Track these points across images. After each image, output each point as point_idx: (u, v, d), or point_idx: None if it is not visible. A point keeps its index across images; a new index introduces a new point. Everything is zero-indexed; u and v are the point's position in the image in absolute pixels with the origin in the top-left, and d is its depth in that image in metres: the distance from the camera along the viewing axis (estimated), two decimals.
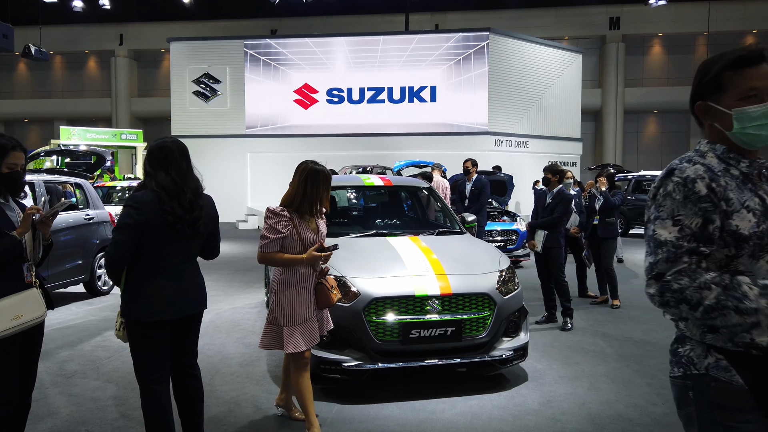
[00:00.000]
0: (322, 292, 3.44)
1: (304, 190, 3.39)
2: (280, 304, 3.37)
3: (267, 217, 3.37)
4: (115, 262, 2.86)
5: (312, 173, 3.40)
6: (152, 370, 2.91)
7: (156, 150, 2.97)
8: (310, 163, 3.46)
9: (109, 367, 4.85)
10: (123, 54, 31.45)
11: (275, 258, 3.35)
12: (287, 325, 3.35)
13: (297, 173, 3.45)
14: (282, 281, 3.39)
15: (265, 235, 3.34)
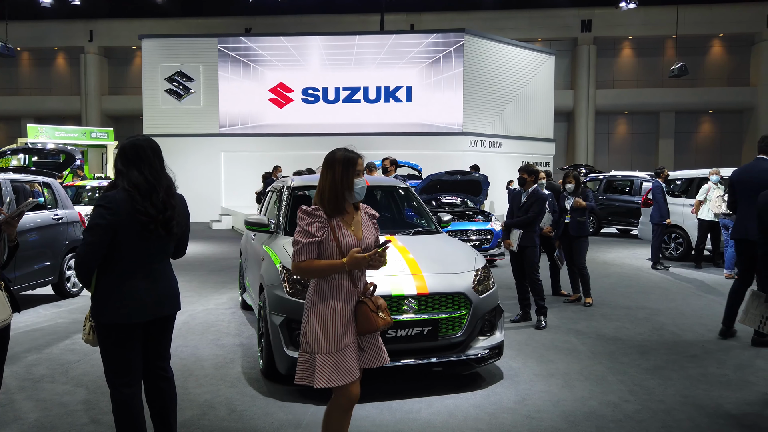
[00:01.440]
0: (362, 313, 2.77)
1: (333, 183, 2.80)
2: (312, 326, 2.75)
3: (299, 218, 2.82)
4: (85, 264, 2.79)
5: (345, 162, 2.82)
6: (123, 374, 2.85)
7: (128, 148, 2.91)
8: (343, 150, 2.88)
9: (78, 370, 4.74)
10: (93, 51, 30.83)
11: (311, 267, 2.74)
12: (319, 353, 2.72)
13: (326, 164, 2.87)
14: (315, 297, 2.78)
15: (297, 240, 2.78)
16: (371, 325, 2.77)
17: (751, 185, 5.50)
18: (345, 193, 2.79)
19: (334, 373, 2.70)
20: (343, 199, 2.80)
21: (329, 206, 2.79)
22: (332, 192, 2.79)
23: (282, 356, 4.13)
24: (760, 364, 4.95)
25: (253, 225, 5.28)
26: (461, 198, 11.63)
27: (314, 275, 2.77)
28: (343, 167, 2.81)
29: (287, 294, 4.20)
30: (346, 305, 2.76)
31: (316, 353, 2.72)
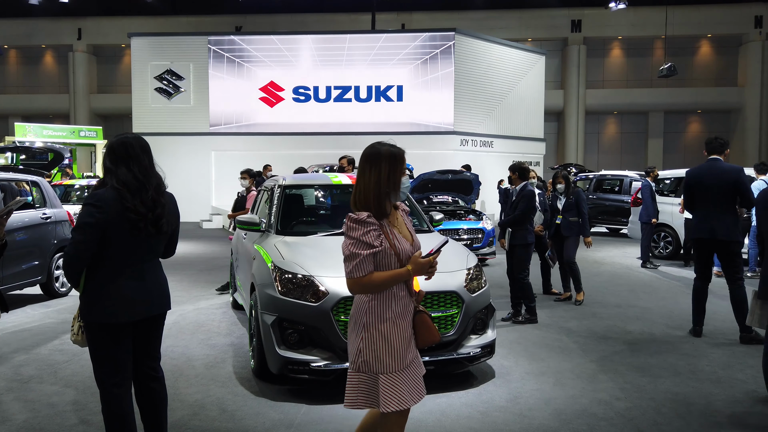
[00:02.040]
0: (423, 323, 2.56)
1: (378, 183, 2.48)
2: (372, 344, 2.44)
3: (349, 228, 2.44)
4: (74, 263, 2.76)
5: (392, 158, 2.51)
6: (113, 374, 2.82)
7: (117, 146, 2.88)
8: (387, 145, 2.56)
9: (67, 371, 4.69)
10: (81, 49, 30.56)
11: (374, 281, 2.42)
12: (385, 373, 2.44)
13: (368, 161, 2.52)
14: (372, 312, 2.47)
15: (354, 253, 2.40)
16: (433, 337, 2.57)
17: (712, 185, 5.59)
18: (391, 193, 2.51)
19: (404, 394, 2.45)
20: (387, 199, 2.51)
21: (376, 209, 2.47)
22: (376, 192, 2.47)
23: (274, 356, 4.11)
24: (748, 362, 4.99)
25: (244, 224, 5.25)
26: (452, 197, 11.64)
27: (376, 290, 2.45)
28: (390, 165, 2.50)
29: (279, 293, 4.19)
30: (407, 317, 2.52)
31: (380, 373, 2.43)
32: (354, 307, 2.55)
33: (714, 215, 5.54)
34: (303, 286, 4.15)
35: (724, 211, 5.55)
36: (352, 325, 2.53)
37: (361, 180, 2.52)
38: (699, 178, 5.73)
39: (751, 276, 9.11)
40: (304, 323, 4.08)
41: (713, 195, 5.56)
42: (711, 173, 5.66)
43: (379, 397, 2.42)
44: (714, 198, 5.56)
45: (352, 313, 2.54)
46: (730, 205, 5.57)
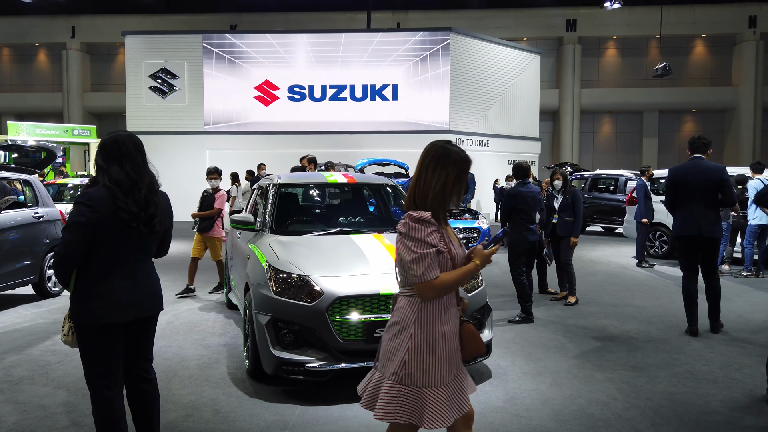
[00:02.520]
0: (470, 334, 2.40)
1: (444, 186, 2.33)
2: (419, 355, 2.27)
3: (411, 228, 2.26)
4: (65, 263, 2.71)
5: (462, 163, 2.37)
6: (104, 376, 2.77)
7: (109, 143, 2.83)
8: (456, 147, 2.39)
9: (59, 372, 4.63)
10: (75, 47, 30.41)
11: (446, 282, 2.26)
12: (429, 386, 2.28)
13: (435, 161, 2.35)
14: (420, 320, 2.29)
15: (422, 254, 2.23)
16: (480, 348, 2.42)
17: (696, 183, 5.68)
18: (454, 198, 2.37)
19: (448, 410, 2.28)
20: (449, 203, 2.37)
21: (436, 212, 2.33)
22: (441, 194, 2.32)
23: (268, 356, 4.06)
24: (745, 362, 4.97)
25: (238, 223, 5.20)
26: None
27: (448, 291, 2.30)
28: (459, 169, 2.35)
29: (274, 293, 4.14)
30: (453, 327, 2.36)
31: (425, 387, 2.26)
32: (398, 314, 2.35)
33: (699, 213, 5.64)
34: (298, 286, 4.11)
35: (708, 208, 5.66)
36: (393, 332, 2.34)
37: (422, 178, 2.35)
38: (683, 177, 5.80)
39: (746, 275, 9.12)
40: (299, 323, 4.04)
41: (697, 193, 5.66)
42: (695, 171, 5.73)
43: (423, 413, 2.25)
44: (698, 196, 5.66)
45: (395, 321, 2.35)
46: (713, 203, 5.68)
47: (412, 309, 2.31)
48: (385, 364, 2.34)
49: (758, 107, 29.43)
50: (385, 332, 2.41)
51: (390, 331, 2.37)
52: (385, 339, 2.38)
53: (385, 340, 2.38)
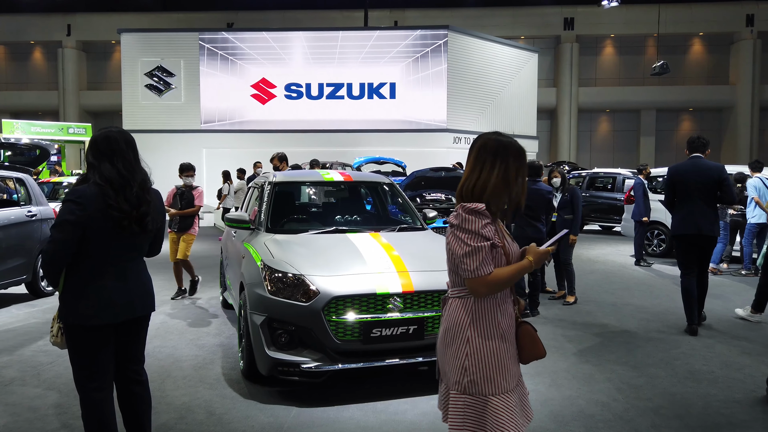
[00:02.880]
0: (529, 336, 2.24)
1: (505, 178, 2.17)
2: (481, 360, 2.12)
3: (465, 220, 2.11)
4: (53, 263, 2.64)
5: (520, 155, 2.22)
6: (93, 378, 2.71)
7: (100, 140, 2.77)
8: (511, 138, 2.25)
9: (50, 373, 4.56)
10: (71, 45, 30.24)
11: (500, 277, 2.11)
12: (497, 394, 2.12)
13: (492, 152, 2.19)
14: (476, 322, 2.15)
15: (476, 247, 2.08)
16: (539, 351, 2.24)
17: (696, 182, 5.72)
18: (520, 192, 2.21)
19: (518, 417, 2.14)
20: (509, 200, 2.21)
21: (494, 205, 2.18)
22: (500, 189, 2.17)
23: (263, 357, 4.00)
24: (745, 361, 4.93)
25: (233, 222, 5.13)
26: (446, 195, 11.55)
27: (502, 288, 2.14)
28: (519, 162, 2.20)
29: (268, 293, 4.07)
30: (511, 328, 2.21)
31: (491, 395, 2.11)
32: (450, 318, 2.19)
33: (698, 211, 5.69)
34: (293, 286, 4.04)
35: (708, 207, 5.71)
36: (448, 338, 2.18)
37: (477, 171, 2.19)
38: (682, 175, 5.84)
39: (745, 274, 9.09)
40: (295, 323, 3.97)
41: (697, 192, 5.71)
42: (694, 170, 5.78)
43: (492, 422, 2.10)
44: (697, 195, 5.70)
45: (448, 326, 2.19)
46: (712, 202, 5.74)
47: (465, 310, 2.15)
48: (446, 374, 2.19)
49: (755, 106, 29.43)
50: (438, 341, 2.25)
51: (444, 338, 2.20)
52: (439, 348, 2.24)
53: (439, 349, 2.23)
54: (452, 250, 2.14)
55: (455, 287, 2.21)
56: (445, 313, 2.24)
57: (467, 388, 2.12)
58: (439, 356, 2.24)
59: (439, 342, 2.24)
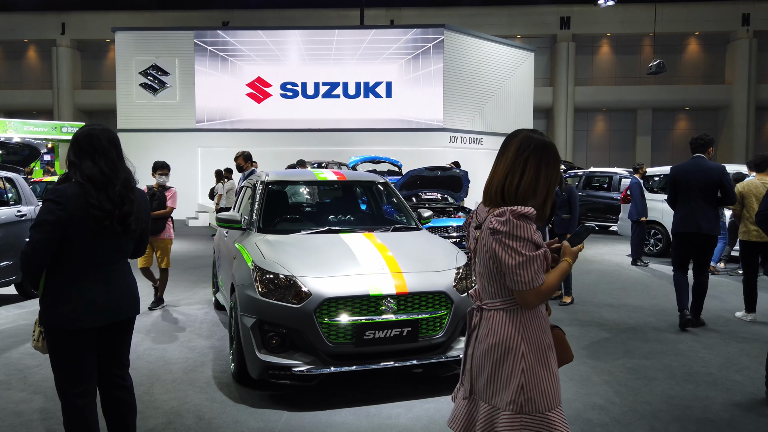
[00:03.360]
0: (561, 341, 2.16)
1: (548, 180, 2.04)
2: (536, 376, 1.99)
3: (516, 226, 1.93)
4: (32, 264, 2.56)
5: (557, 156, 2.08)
6: (76, 383, 2.62)
7: (82, 138, 2.68)
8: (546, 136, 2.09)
9: (37, 376, 4.47)
10: (65, 44, 30.06)
11: (550, 287, 1.99)
12: (553, 408, 1.99)
13: (535, 151, 2.02)
14: (530, 335, 2.01)
15: (531, 257, 1.93)
16: (569, 356, 2.17)
17: (696, 182, 5.81)
18: (552, 195, 2.08)
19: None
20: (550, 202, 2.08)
21: (540, 211, 2.04)
22: (545, 191, 2.04)
23: (253, 360, 3.91)
24: (744, 362, 4.86)
25: (224, 222, 5.04)
26: (442, 194, 11.48)
27: (550, 296, 2.01)
28: (557, 162, 2.07)
29: (259, 294, 3.99)
30: (550, 336, 2.09)
31: (549, 410, 1.97)
32: (497, 333, 2.01)
33: (698, 210, 5.78)
34: (285, 287, 3.96)
35: (708, 206, 5.80)
36: (496, 355, 2.00)
37: (519, 170, 2.01)
38: (684, 175, 5.93)
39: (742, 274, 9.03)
40: (286, 326, 3.89)
41: (697, 191, 5.79)
42: (695, 170, 5.87)
43: None
44: (698, 194, 5.79)
45: (495, 342, 2.00)
46: (712, 201, 5.82)
47: (513, 324, 2.00)
48: (495, 393, 2.00)
49: (751, 105, 29.44)
50: (477, 359, 2.05)
51: (490, 355, 2.01)
52: (481, 366, 2.04)
53: (480, 367, 2.04)
54: (500, 260, 1.95)
55: (496, 298, 2.03)
56: (484, 327, 2.05)
57: (524, 407, 1.96)
58: (479, 375, 2.05)
59: (480, 360, 2.04)
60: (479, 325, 2.08)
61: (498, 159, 2.09)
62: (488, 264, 2.01)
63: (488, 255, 2.00)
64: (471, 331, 2.12)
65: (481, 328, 2.07)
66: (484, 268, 2.04)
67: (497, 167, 2.07)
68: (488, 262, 2.01)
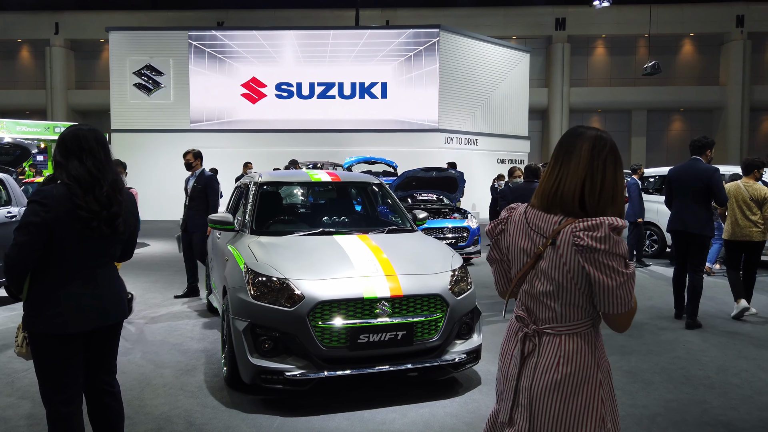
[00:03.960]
0: None
1: (623, 184, 1.85)
2: (614, 403, 1.85)
3: (616, 243, 1.70)
4: (16, 267, 2.48)
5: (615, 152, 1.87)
6: (61, 390, 2.54)
7: (68, 138, 2.61)
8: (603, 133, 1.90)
9: (25, 381, 4.38)
10: (59, 43, 29.87)
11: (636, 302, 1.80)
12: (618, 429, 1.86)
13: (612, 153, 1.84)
14: (602, 359, 1.84)
15: (629, 275, 1.72)
16: None
17: (688, 183, 6.05)
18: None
19: None
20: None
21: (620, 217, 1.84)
22: (622, 197, 1.83)
23: (246, 364, 3.84)
24: (741, 365, 4.82)
25: (216, 223, 4.97)
26: (437, 195, 11.43)
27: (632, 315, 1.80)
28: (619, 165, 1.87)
29: (252, 297, 3.92)
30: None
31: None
32: (573, 360, 1.78)
33: (688, 210, 6.04)
34: (277, 290, 3.89)
35: (698, 206, 6.01)
36: (572, 386, 1.77)
37: (598, 174, 1.79)
38: (678, 176, 6.21)
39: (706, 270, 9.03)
40: (279, 329, 3.82)
41: (688, 192, 6.05)
42: (689, 172, 6.13)
43: None
44: (689, 195, 6.04)
45: (572, 371, 1.77)
46: (703, 202, 6.02)
47: (590, 349, 1.79)
48: (570, 427, 1.77)
49: (745, 106, 29.52)
50: (544, 390, 1.79)
51: (566, 386, 1.77)
52: (554, 399, 1.78)
53: (554, 399, 1.78)
54: (595, 281, 1.72)
55: (568, 321, 1.80)
56: (551, 355, 1.80)
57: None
58: (544, 410, 1.79)
59: (547, 393, 1.79)
60: (538, 352, 1.82)
61: (562, 160, 1.84)
62: (567, 284, 1.77)
63: (571, 275, 1.76)
64: (523, 359, 1.85)
65: (545, 356, 1.81)
66: (557, 288, 1.79)
67: (565, 170, 1.81)
68: (568, 283, 1.77)
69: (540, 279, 1.83)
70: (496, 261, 2.01)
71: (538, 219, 1.85)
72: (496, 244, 2.00)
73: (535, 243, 1.85)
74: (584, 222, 1.74)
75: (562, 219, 1.80)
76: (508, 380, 1.90)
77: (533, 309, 1.86)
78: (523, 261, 1.88)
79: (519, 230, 1.90)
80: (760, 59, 30.07)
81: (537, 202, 1.88)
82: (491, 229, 2.00)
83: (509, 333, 1.96)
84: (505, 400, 1.91)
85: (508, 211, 1.97)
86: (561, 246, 1.77)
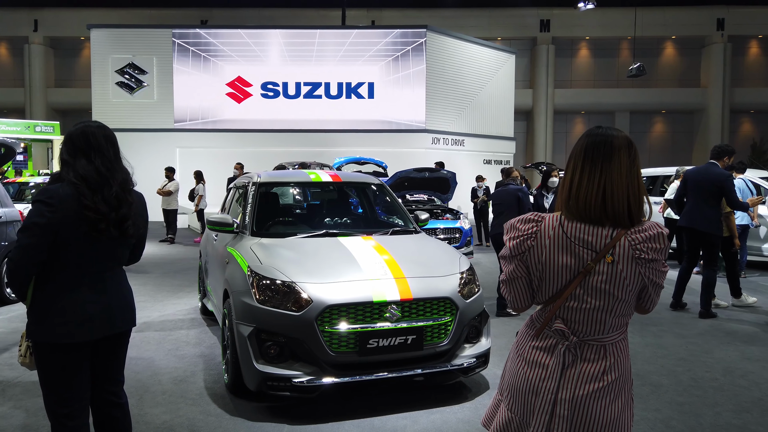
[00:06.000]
0: None
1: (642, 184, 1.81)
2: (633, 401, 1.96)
3: (667, 248, 1.75)
4: (20, 271, 2.33)
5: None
6: (67, 403, 2.40)
7: (76, 135, 2.47)
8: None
9: (17, 389, 4.20)
10: (38, 41, 29.28)
11: None
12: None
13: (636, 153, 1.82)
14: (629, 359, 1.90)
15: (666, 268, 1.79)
16: None
17: (702, 184, 6.41)
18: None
19: None
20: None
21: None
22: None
23: (251, 371, 3.71)
24: (747, 367, 4.81)
25: (215, 224, 4.83)
26: (428, 195, 11.36)
27: None
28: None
29: (257, 301, 3.79)
30: None
31: None
32: (619, 364, 1.80)
33: (698, 209, 6.42)
34: (283, 294, 3.77)
35: (707, 207, 6.38)
36: (615, 389, 1.78)
37: (635, 182, 1.76)
38: (694, 177, 6.58)
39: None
40: (285, 334, 3.69)
41: (700, 192, 6.43)
42: (703, 174, 6.50)
43: None
44: (700, 195, 6.42)
45: (617, 377, 1.79)
46: (713, 203, 6.38)
47: (627, 354, 1.83)
48: (613, 429, 1.78)
49: (726, 108, 29.96)
50: (588, 399, 1.75)
51: (606, 393, 1.76)
52: (599, 407, 1.76)
53: (599, 407, 1.76)
54: (654, 284, 1.75)
55: (614, 330, 1.79)
56: (598, 363, 1.77)
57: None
58: (587, 420, 1.76)
59: (591, 402, 1.76)
60: (580, 362, 1.78)
61: (601, 168, 1.76)
62: (625, 296, 1.74)
63: (630, 287, 1.73)
64: (562, 370, 1.78)
65: (589, 366, 1.77)
66: (613, 301, 1.74)
67: (608, 179, 1.74)
68: (626, 295, 1.74)
69: (591, 294, 1.74)
70: (519, 278, 1.84)
71: (581, 233, 1.75)
72: (522, 261, 1.82)
73: (582, 259, 1.74)
74: (641, 233, 1.72)
75: (614, 231, 1.73)
76: (540, 393, 1.79)
77: (577, 321, 1.78)
78: (566, 278, 1.76)
79: (557, 246, 1.77)
80: (740, 62, 30.55)
81: (578, 214, 1.76)
82: (516, 246, 1.81)
83: (537, 345, 1.83)
84: (539, 413, 1.80)
85: (532, 225, 1.80)
86: (620, 261, 1.71)
